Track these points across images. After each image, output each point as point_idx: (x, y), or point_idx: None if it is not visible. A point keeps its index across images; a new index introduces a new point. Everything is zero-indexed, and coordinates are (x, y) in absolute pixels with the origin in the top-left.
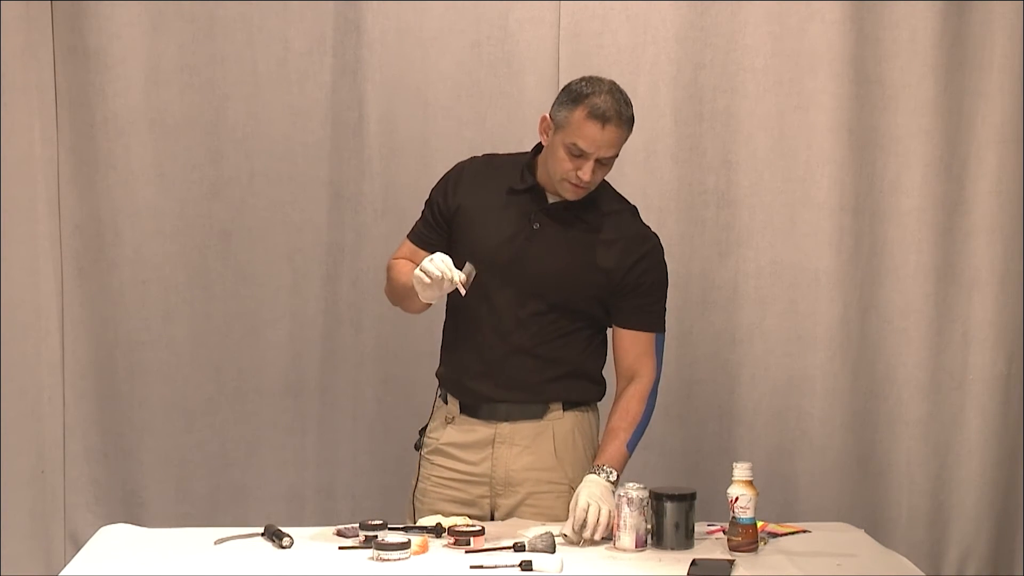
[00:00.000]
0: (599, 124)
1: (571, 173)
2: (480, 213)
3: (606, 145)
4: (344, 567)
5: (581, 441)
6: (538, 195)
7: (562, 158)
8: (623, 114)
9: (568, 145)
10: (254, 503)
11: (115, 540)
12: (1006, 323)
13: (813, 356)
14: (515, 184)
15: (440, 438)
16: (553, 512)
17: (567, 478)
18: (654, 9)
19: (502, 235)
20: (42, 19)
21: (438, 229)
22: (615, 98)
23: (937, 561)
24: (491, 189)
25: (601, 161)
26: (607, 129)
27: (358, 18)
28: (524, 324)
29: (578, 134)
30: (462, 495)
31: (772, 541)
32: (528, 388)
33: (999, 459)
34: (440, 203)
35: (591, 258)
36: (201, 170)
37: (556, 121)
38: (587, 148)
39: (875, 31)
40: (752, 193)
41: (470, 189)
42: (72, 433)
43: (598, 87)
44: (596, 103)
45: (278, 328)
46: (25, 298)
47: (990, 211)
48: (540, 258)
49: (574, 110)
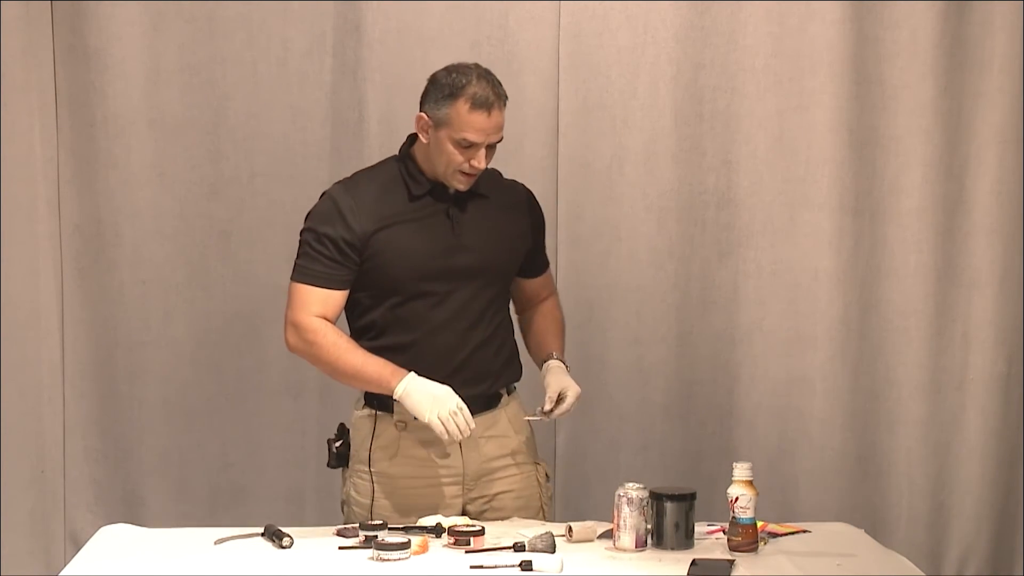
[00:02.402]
0: (484, 113)
1: (463, 164)
2: (397, 228)
3: (494, 130)
4: (344, 567)
5: (523, 420)
6: (440, 191)
7: (451, 152)
8: (501, 95)
9: (457, 140)
10: (254, 503)
11: (115, 540)
12: (1006, 323)
13: (813, 356)
14: (414, 189)
15: (397, 448)
16: (527, 492)
17: (529, 457)
18: (654, 9)
19: (432, 241)
20: (42, 19)
21: (346, 263)
22: (489, 81)
23: (937, 561)
24: (389, 202)
25: (491, 146)
26: (493, 115)
27: (358, 18)
28: (482, 316)
29: (466, 127)
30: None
31: (772, 541)
32: (489, 378)
33: (999, 459)
34: (345, 236)
35: (512, 228)
36: (201, 170)
37: (436, 118)
38: (478, 139)
39: (875, 31)
40: (752, 193)
41: (372, 209)
42: (72, 433)
43: (467, 75)
44: (475, 92)
45: (278, 328)
46: (25, 298)
47: (990, 211)
48: (477, 247)
49: (454, 104)
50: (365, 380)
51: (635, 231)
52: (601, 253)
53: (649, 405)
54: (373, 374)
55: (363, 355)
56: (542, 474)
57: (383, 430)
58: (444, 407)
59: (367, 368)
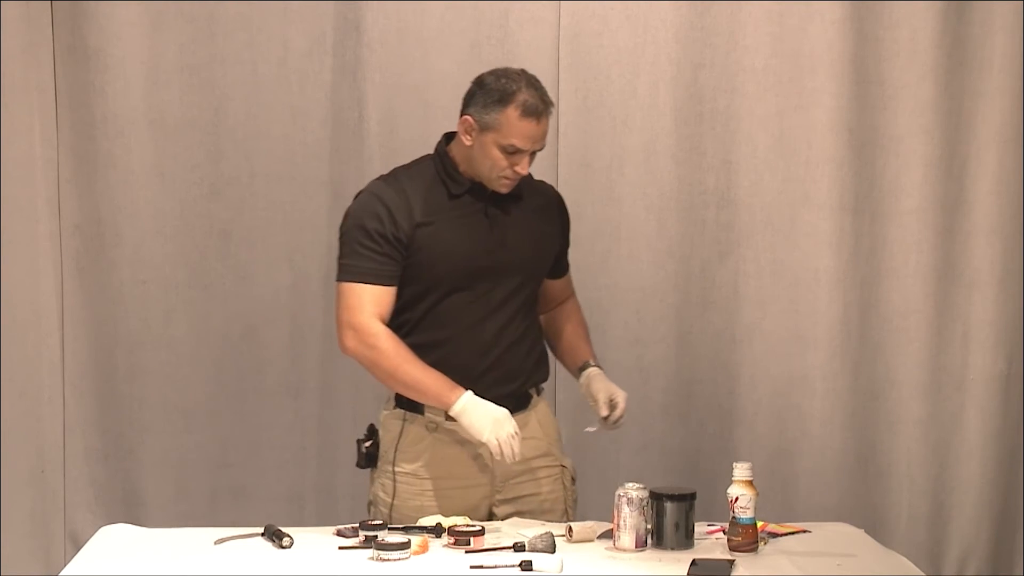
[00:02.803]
0: (534, 120)
1: (507, 169)
2: (438, 228)
3: (541, 137)
4: (344, 567)
5: (551, 421)
6: (478, 190)
7: (498, 158)
8: (548, 102)
9: (504, 145)
10: (254, 503)
11: (115, 540)
12: (1006, 323)
13: (813, 356)
14: (453, 189)
15: (426, 450)
16: (553, 495)
17: (557, 459)
18: (654, 9)
19: (472, 240)
20: (42, 19)
21: (396, 258)
22: (537, 88)
23: (937, 561)
24: (429, 199)
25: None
26: (542, 122)
27: (358, 18)
28: (515, 315)
29: (514, 134)
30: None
31: (772, 541)
32: (520, 377)
33: (999, 459)
34: (392, 231)
35: (544, 228)
36: (201, 170)
37: (483, 122)
38: (525, 146)
39: (875, 31)
40: (752, 193)
41: (413, 205)
42: (72, 433)
43: (518, 82)
44: (526, 100)
45: (278, 328)
46: (25, 298)
47: (990, 211)
48: (515, 246)
49: (504, 110)
50: (421, 392)
51: (635, 231)
52: (601, 253)
53: (649, 405)
54: (431, 388)
55: (422, 368)
56: (568, 477)
57: (412, 431)
58: (503, 430)
59: (425, 381)
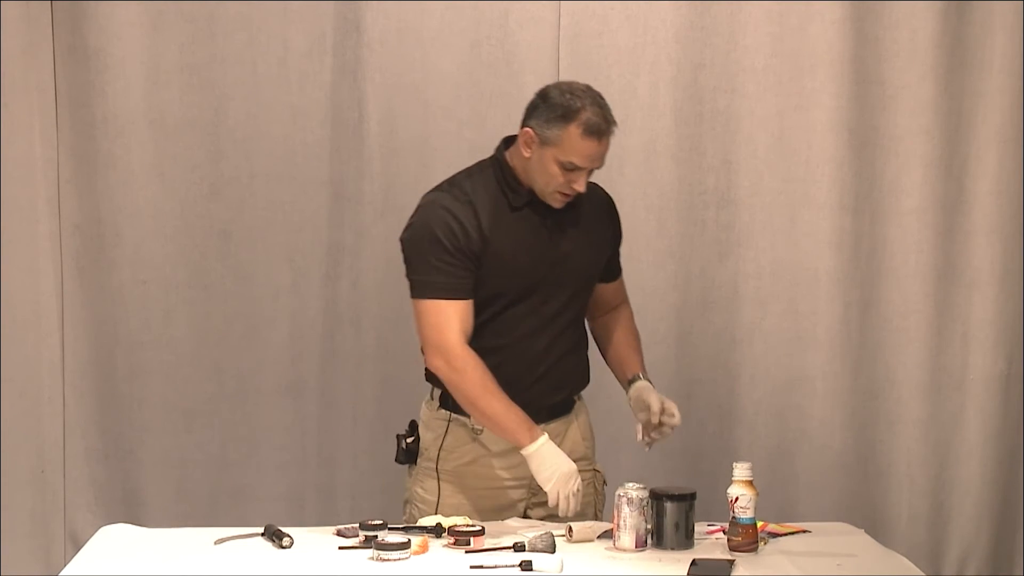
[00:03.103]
0: (595, 140)
1: (564, 185)
2: (501, 241)
3: (601, 156)
4: (344, 567)
5: (589, 426)
6: (536, 202)
7: (555, 173)
8: (611, 121)
9: (563, 162)
10: (254, 503)
11: (115, 540)
12: (1006, 323)
13: (813, 356)
14: (514, 201)
15: (470, 452)
16: (586, 499)
17: (590, 466)
18: (654, 9)
19: (534, 252)
20: (42, 19)
21: (472, 272)
22: (601, 107)
23: (937, 561)
24: (494, 214)
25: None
26: (603, 142)
27: (358, 18)
28: (568, 325)
29: (575, 152)
30: (499, 502)
31: (772, 541)
32: (568, 386)
33: (999, 459)
34: (466, 246)
35: (597, 237)
36: (201, 170)
37: (544, 137)
38: (584, 164)
39: (875, 31)
40: (752, 193)
41: (479, 217)
42: (72, 433)
43: (583, 99)
44: (589, 119)
45: (278, 328)
46: (25, 298)
47: (990, 211)
48: (571, 258)
49: (567, 127)
50: (499, 427)
51: (635, 231)
52: None
53: None
54: (510, 426)
55: (505, 403)
56: (600, 480)
57: (456, 431)
58: (567, 486)
59: (506, 418)
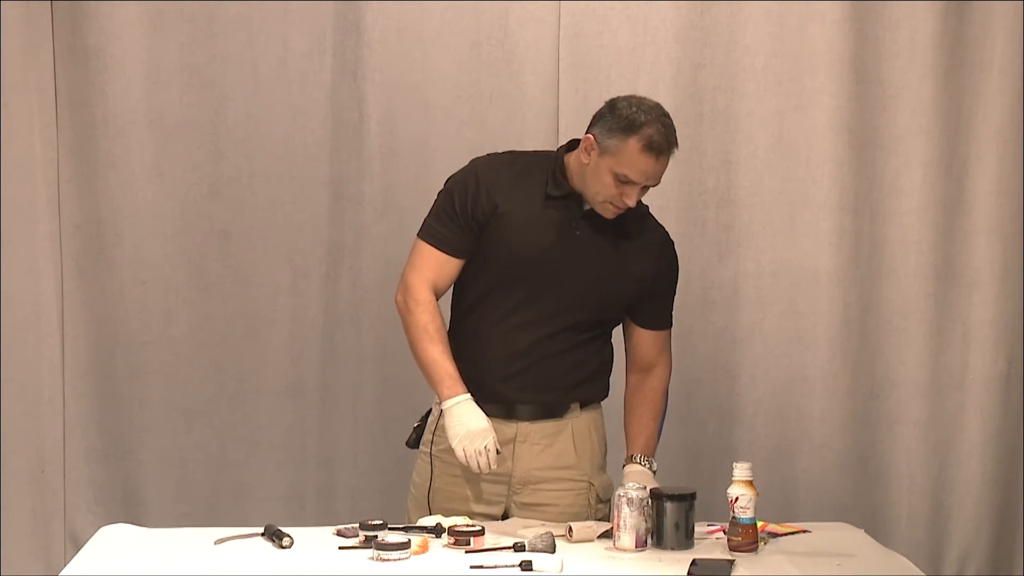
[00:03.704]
0: (653, 157)
1: (616, 198)
2: (519, 216)
3: (656, 175)
4: (344, 567)
5: (596, 436)
6: (575, 201)
7: (608, 183)
8: (673, 142)
9: (618, 173)
10: (254, 503)
11: (115, 540)
12: (1006, 323)
13: (813, 356)
14: (551, 190)
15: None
16: (573, 509)
17: (585, 474)
18: (654, 9)
19: (545, 241)
20: (42, 19)
21: (469, 233)
22: (666, 126)
23: (937, 561)
24: (524, 191)
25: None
26: (660, 161)
27: (358, 18)
28: (561, 331)
29: (631, 166)
30: (478, 492)
31: (772, 541)
32: (554, 390)
33: (999, 459)
34: (471, 205)
35: (628, 266)
36: (201, 170)
37: (604, 146)
38: (639, 180)
39: (875, 31)
40: (752, 193)
41: (504, 189)
42: (72, 433)
43: (648, 114)
44: (650, 135)
45: (278, 328)
46: (25, 298)
47: (990, 211)
48: (583, 267)
49: (627, 140)
50: (427, 375)
51: None
52: None
53: None
54: (435, 376)
55: (440, 353)
56: (594, 494)
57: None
58: (472, 443)
59: (434, 367)
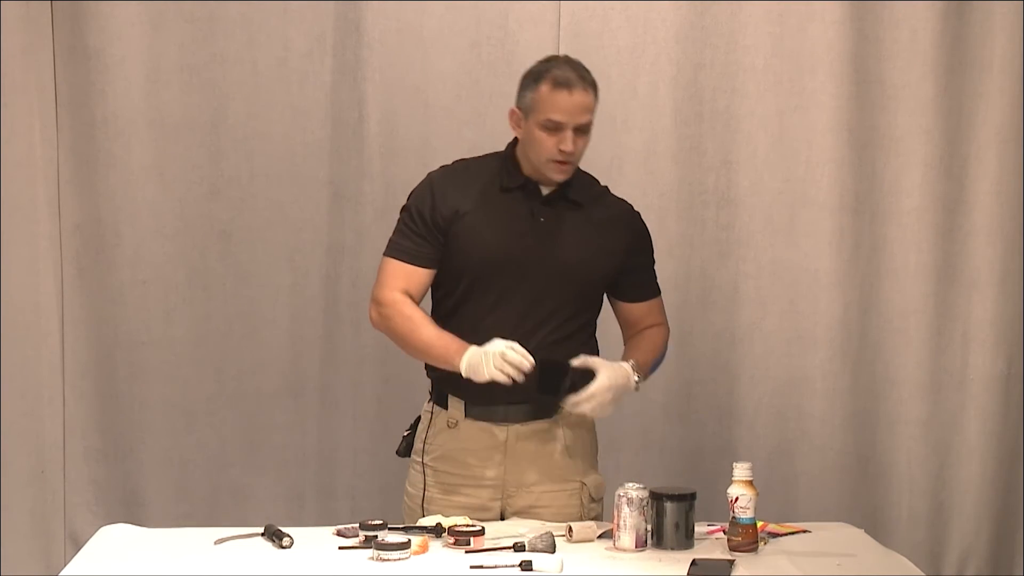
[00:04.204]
0: (566, 91)
1: (553, 150)
2: (479, 215)
3: (578, 110)
4: (344, 567)
5: (587, 435)
6: (532, 189)
7: (541, 138)
8: (586, 77)
9: (543, 123)
10: (254, 503)
11: (115, 540)
12: (1006, 323)
13: (813, 356)
14: (506, 182)
15: (445, 444)
16: (566, 510)
17: (578, 474)
18: (654, 9)
19: (510, 234)
20: (42, 19)
21: (432, 242)
22: (572, 65)
23: (937, 561)
24: (480, 191)
25: (579, 129)
26: (575, 93)
27: (358, 18)
28: (543, 322)
29: (550, 108)
30: (472, 500)
31: (772, 541)
32: None
33: (999, 459)
34: (431, 213)
35: (599, 243)
36: (201, 170)
37: (524, 107)
38: (562, 118)
39: (875, 31)
40: (752, 193)
41: (460, 193)
42: (72, 433)
43: (553, 61)
44: (557, 74)
45: (278, 328)
46: (25, 298)
47: (990, 211)
48: (553, 252)
49: (538, 87)
50: (434, 356)
51: None
52: None
53: (649, 405)
54: (441, 350)
55: (435, 330)
56: (587, 494)
57: (437, 423)
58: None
59: (437, 343)
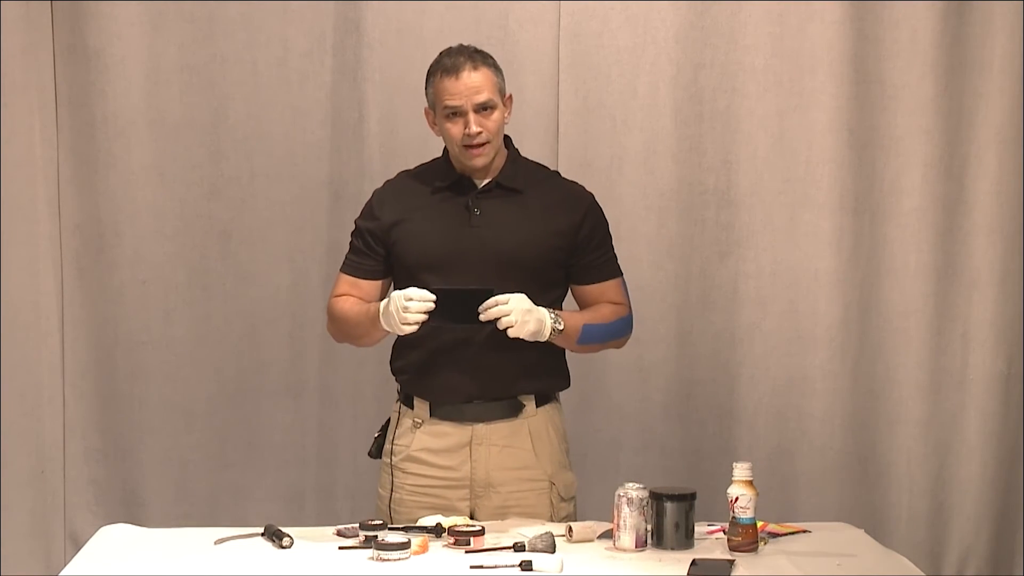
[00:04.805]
0: (454, 76)
1: (463, 136)
2: (416, 219)
3: (470, 91)
4: (344, 567)
5: (555, 435)
6: (466, 184)
7: (448, 128)
8: (473, 57)
9: (445, 114)
10: (254, 503)
11: (115, 540)
12: (1006, 323)
13: (813, 356)
14: (438, 182)
15: (411, 444)
16: (535, 510)
17: (546, 474)
18: (654, 9)
19: (447, 230)
20: (42, 19)
21: (373, 255)
22: (461, 50)
23: (937, 561)
24: (415, 196)
25: (482, 108)
26: (462, 75)
27: (358, 18)
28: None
29: (444, 96)
30: (440, 501)
31: (772, 541)
32: (502, 381)
33: (999, 459)
34: (370, 227)
35: (542, 225)
36: (201, 170)
37: (430, 103)
38: (457, 102)
39: (875, 31)
40: (752, 193)
41: (397, 203)
42: (72, 433)
43: (445, 52)
44: (445, 62)
45: (278, 328)
46: (25, 298)
47: (990, 211)
48: (493, 240)
49: (432, 82)
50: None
51: (635, 231)
52: None
53: (649, 405)
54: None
55: (361, 305)
56: (556, 493)
57: (404, 424)
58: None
59: (362, 312)
